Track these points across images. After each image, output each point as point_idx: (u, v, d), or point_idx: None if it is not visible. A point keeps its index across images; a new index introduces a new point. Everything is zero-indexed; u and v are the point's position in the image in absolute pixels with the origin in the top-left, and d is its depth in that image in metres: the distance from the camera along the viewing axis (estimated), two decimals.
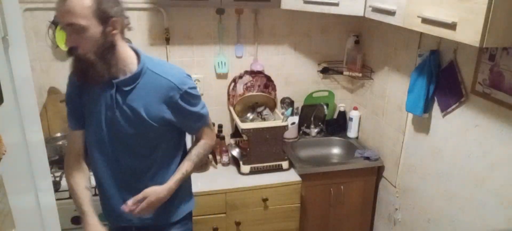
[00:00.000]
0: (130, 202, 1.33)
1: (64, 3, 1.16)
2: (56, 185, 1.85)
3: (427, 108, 1.86)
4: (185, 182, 1.50)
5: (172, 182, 1.40)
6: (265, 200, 2.12)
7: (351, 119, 2.55)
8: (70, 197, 1.79)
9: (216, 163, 2.28)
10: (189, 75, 1.39)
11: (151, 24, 2.21)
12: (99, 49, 1.21)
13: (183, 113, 1.37)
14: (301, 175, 2.18)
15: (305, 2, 1.99)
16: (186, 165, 1.44)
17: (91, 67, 1.22)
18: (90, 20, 1.17)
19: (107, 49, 1.23)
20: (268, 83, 2.42)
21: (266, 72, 2.42)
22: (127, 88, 1.30)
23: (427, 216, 1.97)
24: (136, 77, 1.30)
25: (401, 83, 2.10)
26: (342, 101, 2.64)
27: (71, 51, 1.21)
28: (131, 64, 1.31)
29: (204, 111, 1.46)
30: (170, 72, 1.33)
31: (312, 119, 2.56)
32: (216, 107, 2.44)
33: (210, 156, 2.22)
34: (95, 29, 1.19)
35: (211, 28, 2.30)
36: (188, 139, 2.41)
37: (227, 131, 2.47)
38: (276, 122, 2.19)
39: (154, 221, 1.48)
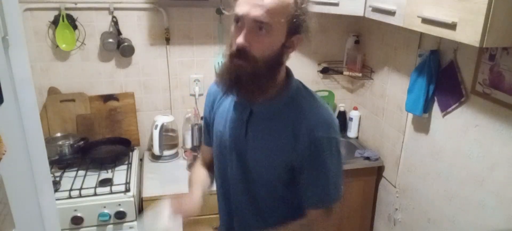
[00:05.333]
0: None
1: None
2: (56, 185, 1.85)
3: (427, 108, 1.86)
4: None
5: None
6: None
7: (351, 119, 2.55)
8: (69, 197, 1.81)
9: None
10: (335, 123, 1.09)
11: (151, 24, 2.21)
12: (269, 62, 1.00)
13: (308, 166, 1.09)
14: None
15: None
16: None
17: (252, 79, 1.00)
18: (282, 26, 0.97)
19: (274, 65, 1.03)
20: None
21: None
22: (263, 118, 1.10)
23: (427, 216, 1.97)
24: (274, 105, 1.09)
25: (401, 83, 2.10)
26: (342, 101, 2.64)
27: (238, 53, 0.98)
28: (277, 89, 1.09)
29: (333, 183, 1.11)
30: (315, 111, 1.08)
31: None
32: None
33: None
34: (279, 37, 0.99)
35: (211, 28, 2.30)
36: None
37: None
38: None
39: None
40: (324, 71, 2.52)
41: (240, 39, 0.97)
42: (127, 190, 1.85)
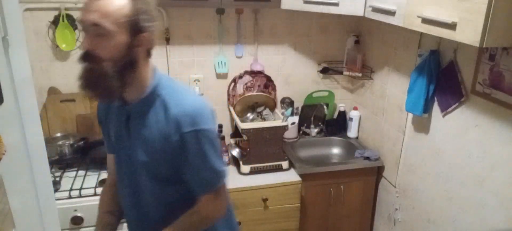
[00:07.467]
0: None
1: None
2: (56, 185, 1.85)
3: (427, 108, 1.86)
4: None
5: None
6: (265, 200, 2.12)
7: (351, 119, 2.55)
8: (70, 197, 1.81)
9: None
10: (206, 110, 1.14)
11: None
12: (118, 62, 1.02)
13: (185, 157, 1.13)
14: (301, 175, 2.18)
15: (305, 2, 1.99)
16: None
17: (103, 80, 1.02)
18: (120, 27, 1.00)
19: (127, 65, 1.05)
20: (268, 83, 2.42)
21: (266, 72, 2.42)
22: (138, 116, 1.14)
23: (427, 216, 1.97)
24: (144, 102, 1.13)
25: (401, 83, 2.10)
26: (342, 101, 2.64)
27: (85, 57, 1.02)
28: (146, 87, 1.12)
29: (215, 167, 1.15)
30: (178, 104, 1.11)
31: (312, 119, 2.56)
32: (216, 107, 2.44)
33: None
34: (121, 38, 1.01)
35: (211, 28, 2.30)
36: None
37: (227, 131, 2.47)
38: (276, 122, 2.19)
39: None
40: (324, 71, 2.52)
41: (84, 44, 1.02)
42: None
